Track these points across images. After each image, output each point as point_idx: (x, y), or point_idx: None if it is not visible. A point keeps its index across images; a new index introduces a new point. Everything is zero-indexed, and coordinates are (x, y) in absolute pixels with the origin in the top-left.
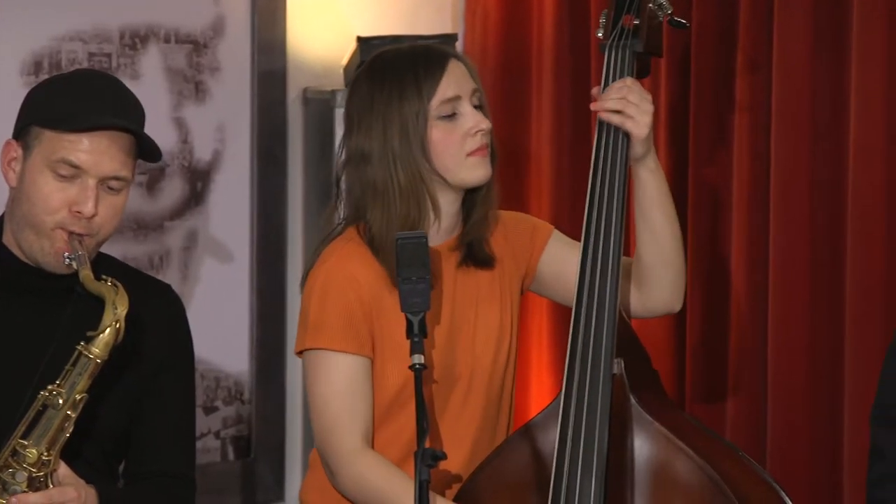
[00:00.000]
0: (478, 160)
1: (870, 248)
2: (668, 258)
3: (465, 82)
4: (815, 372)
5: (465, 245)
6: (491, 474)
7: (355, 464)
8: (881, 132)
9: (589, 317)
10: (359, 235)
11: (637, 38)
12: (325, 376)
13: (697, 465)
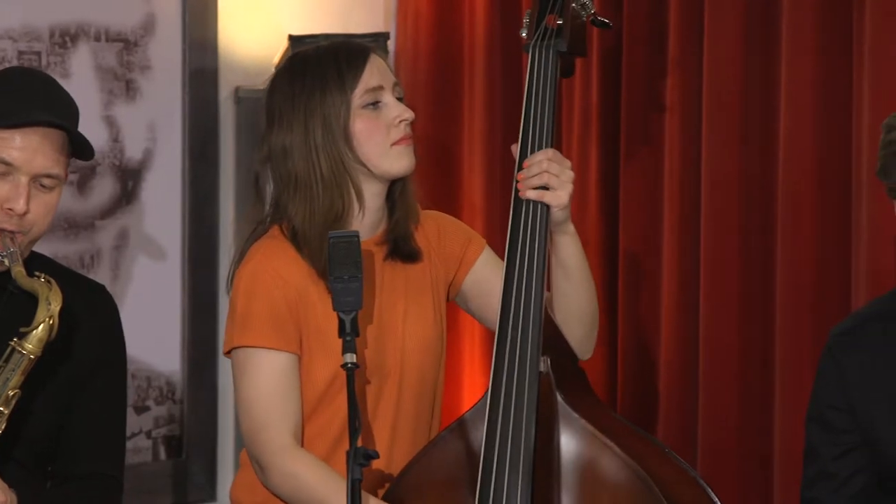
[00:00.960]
0: (402, 149)
1: (800, 248)
2: (583, 313)
3: (386, 74)
4: (746, 372)
5: (391, 240)
6: (420, 472)
7: (286, 461)
8: (811, 133)
9: (516, 315)
10: (282, 233)
11: (561, 38)
12: (254, 374)
13: (624, 462)
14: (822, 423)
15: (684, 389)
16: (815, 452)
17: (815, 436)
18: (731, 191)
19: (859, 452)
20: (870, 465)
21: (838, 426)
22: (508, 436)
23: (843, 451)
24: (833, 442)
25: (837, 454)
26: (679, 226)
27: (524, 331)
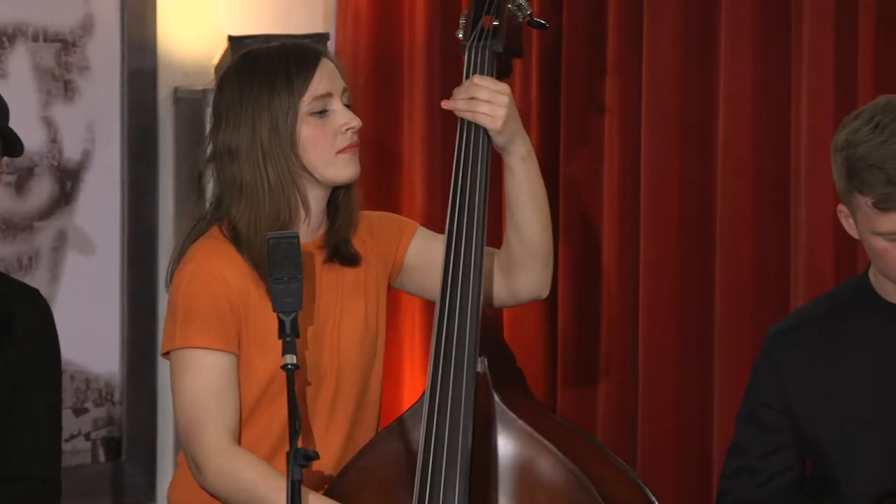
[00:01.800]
0: (348, 158)
1: (739, 248)
2: (536, 245)
3: (336, 80)
4: (686, 371)
5: (331, 245)
6: (358, 472)
7: (225, 461)
8: (749, 134)
9: (452, 316)
10: (222, 234)
11: (497, 39)
12: (193, 374)
13: (561, 462)
14: (753, 421)
15: (624, 390)
16: (742, 448)
17: (744, 433)
18: (670, 191)
19: (788, 451)
20: (797, 464)
21: (770, 425)
22: (445, 436)
23: (772, 449)
24: (763, 440)
25: (765, 452)
26: (619, 226)
27: (461, 329)
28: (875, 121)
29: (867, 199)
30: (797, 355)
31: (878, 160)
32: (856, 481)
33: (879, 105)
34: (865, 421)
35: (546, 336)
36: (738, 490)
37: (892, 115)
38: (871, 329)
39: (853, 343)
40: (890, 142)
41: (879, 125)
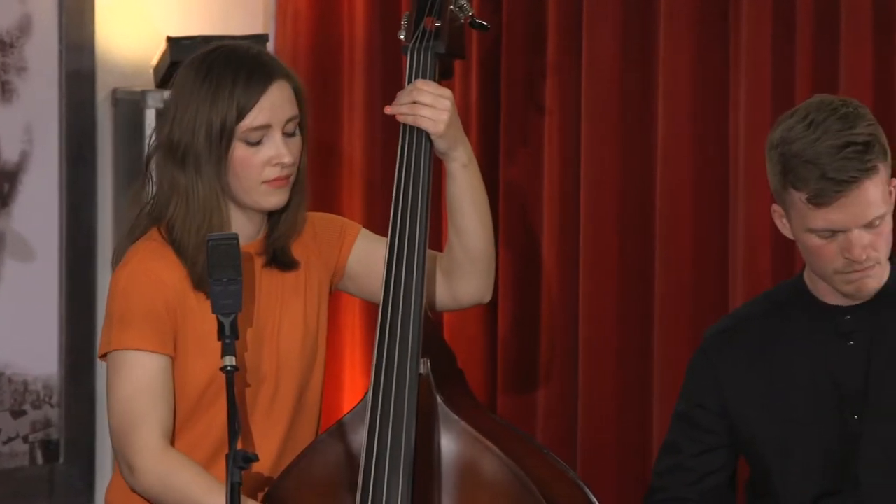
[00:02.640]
0: (272, 189)
1: (678, 249)
2: (478, 251)
3: (281, 109)
4: (625, 372)
5: (269, 250)
6: (299, 475)
7: (157, 462)
8: (688, 136)
9: (395, 317)
10: (161, 236)
11: (439, 41)
12: (128, 375)
13: (503, 462)
14: (688, 421)
15: (564, 391)
16: (675, 446)
17: (678, 432)
18: (610, 192)
19: (720, 452)
20: (729, 465)
21: (704, 425)
22: (388, 437)
23: (705, 449)
24: (696, 440)
25: (698, 452)
26: (559, 227)
27: (404, 330)
28: (809, 118)
29: (802, 194)
30: (734, 356)
31: (812, 156)
32: (792, 482)
33: (813, 103)
34: (800, 421)
35: (487, 338)
36: (670, 487)
37: (825, 112)
38: (807, 330)
39: (789, 344)
40: (824, 138)
41: (814, 122)
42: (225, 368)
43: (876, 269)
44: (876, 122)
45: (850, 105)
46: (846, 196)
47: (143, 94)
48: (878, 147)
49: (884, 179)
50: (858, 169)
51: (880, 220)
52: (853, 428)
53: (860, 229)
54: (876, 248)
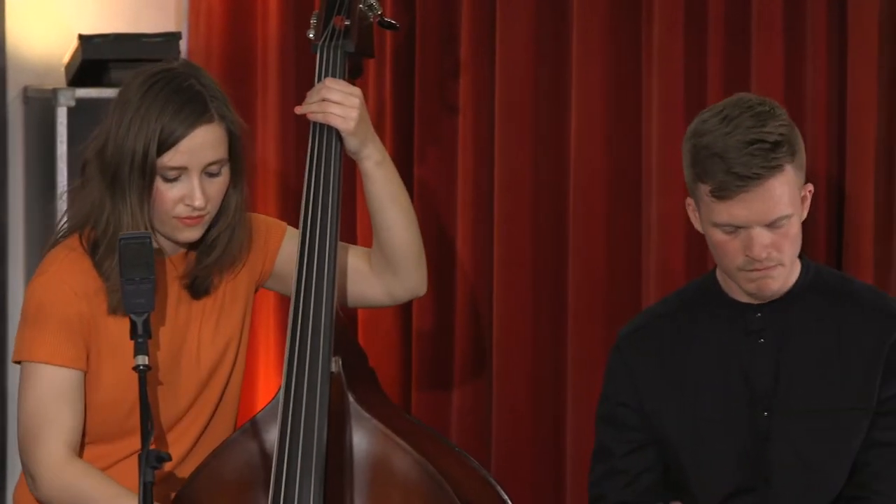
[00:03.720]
0: (183, 226)
1: (591, 248)
2: (405, 247)
3: (201, 154)
4: (539, 370)
5: (190, 276)
6: (209, 475)
7: (58, 473)
8: (601, 135)
9: (307, 317)
10: (81, 245)
11: (348, 39)
12: (36, 387)
13: (416, 461)
14: (612, 422)
15: (478, 388)
16: (605, 450)
17: (605, 434)
18: (523, 191)
19: (649, 450)
20: (658, 462)
21: (628, 424)
22: (300, 436)
23: (633, 448)
24: (623, 439)
25: (627, 451)
26: (473, 226)
27: (315, 329)
28: (724, 113)
29: (707, 187)
30: (647, 354)
31: (720, 150)
32: (704, 480)
33: (732, 101)
34: (712, 419)
35: (401, 336)
36: (607, 494)
37: (741, 109)
38: (718, 327)
39: (701, 341)
40: (734, 133)
41: (727, 117)
42: (138, 367)
43: (778, 270)
44: (792, 125)
45: (767, 105)
46: (749, 192)
47: (55, 93)
48: (788, 148)
49: (791, 181)
50: (763, 166)
51: (785, 221)
52: (764, 425)
53: (762, 228)
54: (780, 249)
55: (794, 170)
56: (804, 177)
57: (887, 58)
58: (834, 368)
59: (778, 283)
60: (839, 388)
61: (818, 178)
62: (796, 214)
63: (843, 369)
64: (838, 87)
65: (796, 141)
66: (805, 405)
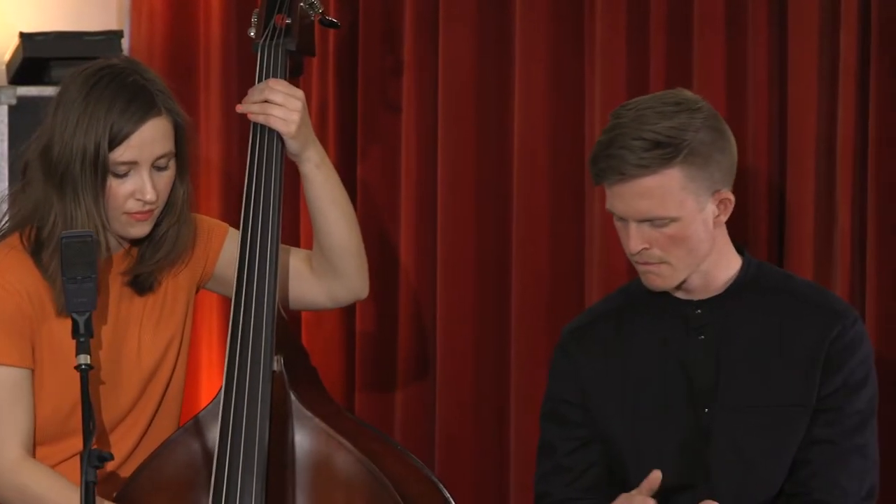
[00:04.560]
0: (133, 221)
1: (535, 246)
2: (345, 249)
3: (151, 148)
4: (482, 370)
5: (133, 274)
6: (150, 475)
7: (15, 476)
8: (544, 134)
9: (248, 314)
10: (22, 243)
11: (289, 37)
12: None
13: (358, 460)
14: (556, 419)
15: (422, 388)
16: (550, 447)
17: (549, 431)
18: (467, 189)
19: (593, 446)
20: (603, 459)
21: (573, 421)
22: (242, 435)
23: (578, 445)
24: (568, 436)
25: (572, 449)
26: (416, 225)
27: (257, 328)
28: (630, 105)
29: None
30: (590, 352)
31: (605, 140)
32: (645, 476)
33: (657, 94)
34: (654, 415)
35: (344, 336)
36: (553, 490)
37: (649, 103)
38: (660, 324)
39: (643, 338)
40: (622, 126)
41: (633, 110)
42: (80, 367)
43: (663, 269)
44: (703, 130)
45: (684, 104)
46: (623, 186)
47: None
48: (672, 150)
49: (675, 184)
50: (628, 163)
51: (667, 222)
52: (704, 422)
53: (638, 223)
54: (663, 248)
55: (684, 174)
56: (717, 183)
57: (827, 57)
58: (774, 365)
59: (661, 281)
60: (780, 384)
61: (759, 177)
62: (685, 219)
63: (784, 366)
64: (779, 86)
65: (697, 146)
66: (745, 402)
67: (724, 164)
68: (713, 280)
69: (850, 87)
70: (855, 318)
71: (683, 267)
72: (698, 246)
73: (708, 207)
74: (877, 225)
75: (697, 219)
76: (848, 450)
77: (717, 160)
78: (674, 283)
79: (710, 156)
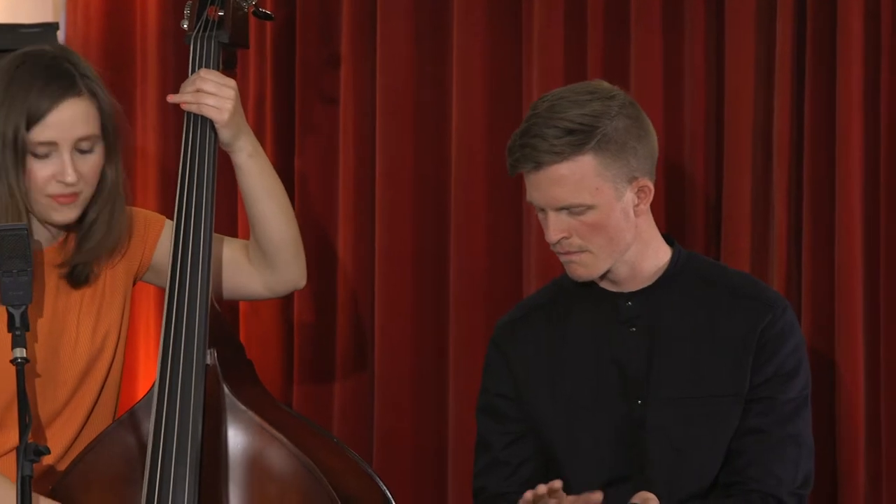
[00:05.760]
0: (56, 205)
1: (472, 238)
2: (281, 239)
3: (71, 128)
4: (421, 363)
5: (70, 265)
6: (85, 468)
7: None
8: (481, 125)
9: (181, 307)
10: None
11: (222, 30)
12: None
13: (291, 453)
14: (491, 414)
15: (360, 380)
16: (486, 442)
17: (485, 426)
18: (405, 182)
19: (529, 440)
20: (539, 452)
21: (507, 415)
22: (174, 429)
23: (513, 439)
24: (503, 431)
25: (507, 443)
26: (354, 217)
27: (190, 321)
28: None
29: None
30: (524, 344)
31: (523, 127)
32: (579, 469)
33: (572, 86)
34: (588, 408)
35: (282, 329)
36: (489, 485)
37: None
38: (592, 317)
39: (575, 331)
40: (536, 117)
41: (548, 100)
42: (15, 360)
43: (584, 257)
44: (617, 117)
45: (593, 93)
46: (538, 174)
47: None
48: (584, 137)
49: (590, 171)
50: (541, 150)
51: (584, 209)
52: (638, 413)
53: (556, 212)
54: (581, 236)
55: (598, 160)
56: (635, 171)
57: (763, 50)
58: (706, 355)
59: (585, 270)
60: (712, 375)
61: (696, 168)
62: (603, 206)
63: (716, 356)
64: (716, 80)
65: (611, 132)
66: (678, 393)
67: (640, 151)
68: (641, 271)
69: (786, 79)
70: (785, 307)
71: (605, 255)
72: (619, 234)
73: (626, 196)
74: (812, 215)
75: (616, 207)
76: (782, 438)
77: (633, 147)
78: (597, 272)
79: (625, 143)
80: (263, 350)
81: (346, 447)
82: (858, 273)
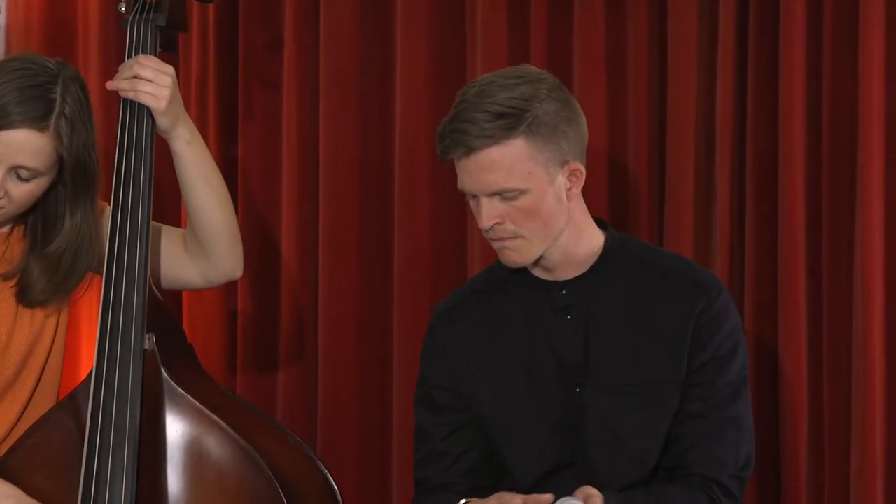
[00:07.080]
0: None
1: (416, 223)
2: (218, 228)
3: (17, 153)
4: (365, 351)
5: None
6: (26, 452)
7: None
8: (425, 110)
9: (118, 292)
10: None
11: (159, 13)
12: None
13: (230, 437)
14: (429, 404)
15: (304, 366)
16: (424, 433)
17: (423, 417)
18: (348, 166)
19: (468, 430)
20: (480, 441)
21: (445, 406)
22: (112, 413)
23: (452, 430)
24: (441, 422)
25: (446, 434)
26: (297, 202)
27: (127, 306)
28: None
29: None
30: (459, 333)
31: (449, 114)
32: (521, 457)
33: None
34: (525, 397)
35: (225, 315)
36: (430, 476)
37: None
38: (527, 304)
39: (511, 319)
40: (460, 104)
41: (476, 86)
42: None
43: (517, 243)
44: (547, 100)
45: (522, 77)
46: (468, 160)
47: None
48: (514, 121)
49: (521, 154)
50: (471, 135)
51: (517, 194)
52: (577, 401)
53: (488, 198)
54: (515, 221)
55: (529, 144)
56: (566, 155)
57: (706, 35)
58: (643, 341)
59: (518, 256)
60: (649, 360)
61: (640, 152)
62: (535, 191)
63: (652, 342)
64: (659, 64)
65: (541, 115)
66: (616, 379)
67: (571, 134)
68: (574, 256)
69: (729, 64)
70: (720, 290)
71: (538, 240)
72: (552, 218)
73: (559, 179)
74: (755, 197)
75: (549, 191)
76: (721, 422)
77: (564, 130)
78: (531, 257)
79: (556, 126)
80: (206, 337)
81: (288, 431)
82: (801, 256)
